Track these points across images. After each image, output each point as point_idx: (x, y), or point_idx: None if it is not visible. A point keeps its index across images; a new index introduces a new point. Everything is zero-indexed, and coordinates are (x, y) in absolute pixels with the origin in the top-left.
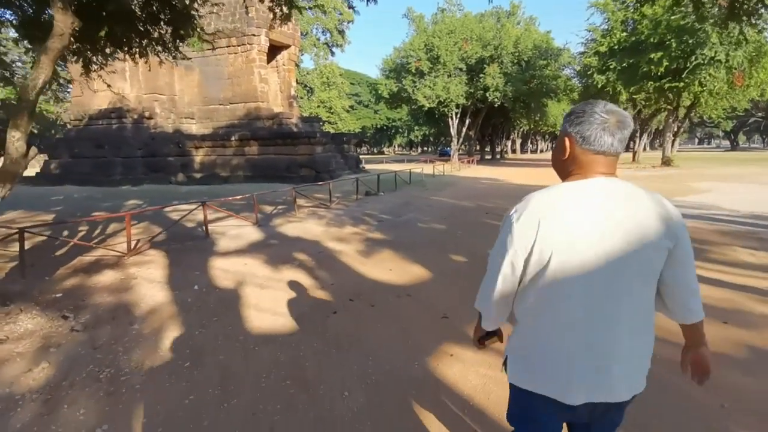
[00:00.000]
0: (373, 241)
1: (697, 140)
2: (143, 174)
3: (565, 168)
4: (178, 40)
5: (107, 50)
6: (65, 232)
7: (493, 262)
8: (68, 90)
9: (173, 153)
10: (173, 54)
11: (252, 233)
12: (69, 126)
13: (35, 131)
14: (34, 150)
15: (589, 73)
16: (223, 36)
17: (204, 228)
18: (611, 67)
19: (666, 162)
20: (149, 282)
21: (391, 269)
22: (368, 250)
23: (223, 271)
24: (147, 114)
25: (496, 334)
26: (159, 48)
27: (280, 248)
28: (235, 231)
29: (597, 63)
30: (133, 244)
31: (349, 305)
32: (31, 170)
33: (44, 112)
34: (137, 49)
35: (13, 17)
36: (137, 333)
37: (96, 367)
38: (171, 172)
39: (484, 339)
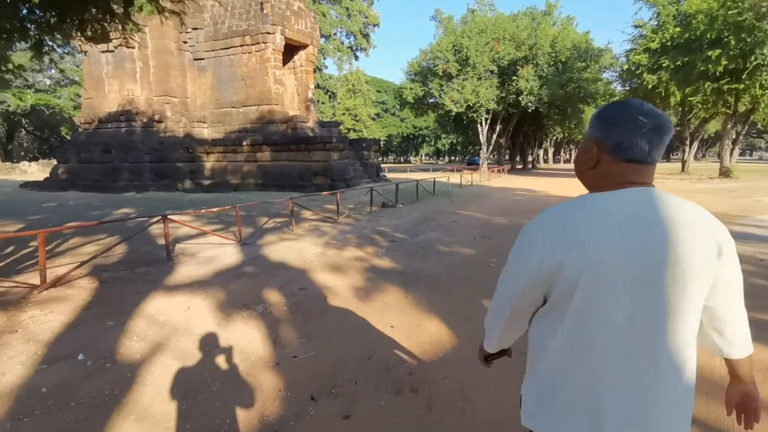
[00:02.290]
0: (378, 272)
1: (739, 151)
2: (151, 180)
3: (592, 177)
4: (129, 8)
5: (53, 26)
6: (10, 248)
7: (504, 281)
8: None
9: (182, 158)
10: (125, 24)
11: (230, 255)
12: (80, 129)
13: (68, 137)
14: None
15: (638, 72)
16: (237, 35)
17: (166, 249)
18: (664, 65)
19: (724, 173)
20: (25, 341)
21: (393, 326)
22: (368, 287)
23: (151, 321)
24: (157, 117)
25: (506, 352)
26: (108, 18)
27: (250, 281)
28: (211, 252)
29: (647, 61)
30: (64, 270)
31: (307, 414)
32: (41, 175)
33: (73, 117)
34: (87, 24)
35: None
36: None
37: None
38: (179, 179)
39: (491, 357)
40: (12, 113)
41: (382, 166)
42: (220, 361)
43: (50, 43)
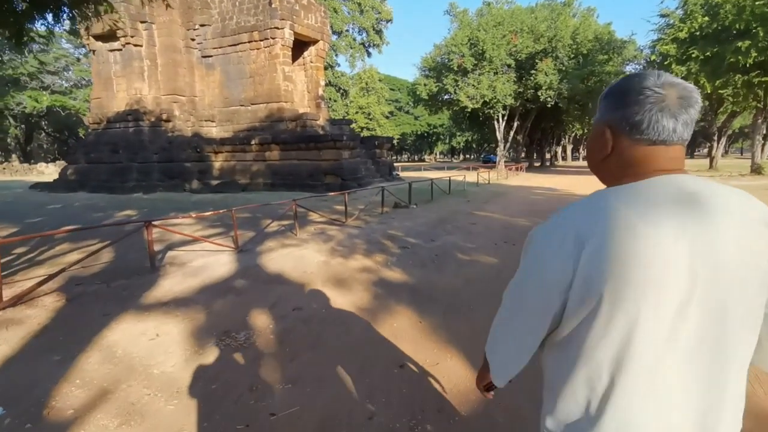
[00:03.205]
0: (387, 287)
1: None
2: (159, 180)
3: (610, 168)
4: None
5: (27, 12)
6: None
7: (511, 297)
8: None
9: (191, 158)
10: (99, 4)
11: (222, 265)
12: (89, 129)
13: (83, 137)
14: None
15: (666, 63)
16: (245, 30)
17: (150, 259)
18: (693, 56)
19: (756, 170)
20: None
21: (402, 366)
22: (374, 308)
23: (107, 355)
24: (165, 116)
25: None
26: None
27: (238, 299)
28: (203, 260)
29: (675, 51)
30: (31, 283)
31: None
32: (51, 177)
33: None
34: (62, 6)
35: None
36: None
37: None
38: (187, 179)
39: (491, 387)
40: (29, 115)
41: (395, 164)
42: (174, 420)
43: (31, 34)
